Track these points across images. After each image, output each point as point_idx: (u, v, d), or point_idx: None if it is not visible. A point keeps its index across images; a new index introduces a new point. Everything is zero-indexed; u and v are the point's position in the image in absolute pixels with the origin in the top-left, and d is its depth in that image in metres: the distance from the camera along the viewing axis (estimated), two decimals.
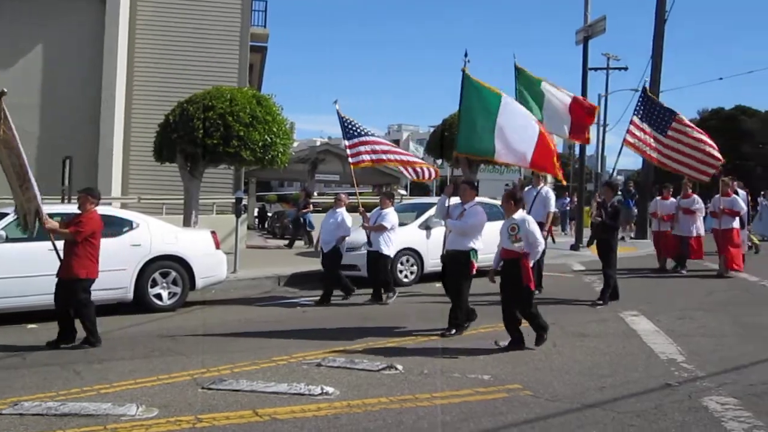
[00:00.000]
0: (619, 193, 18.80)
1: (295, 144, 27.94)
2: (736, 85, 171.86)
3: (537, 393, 6.80)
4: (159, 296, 11.70)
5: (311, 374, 7.50)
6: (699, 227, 16.71)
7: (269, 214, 37.01)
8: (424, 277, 14.58)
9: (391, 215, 12.75)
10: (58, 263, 9.13)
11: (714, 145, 14.29)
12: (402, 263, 14.42)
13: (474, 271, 9.64)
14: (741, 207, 15.87)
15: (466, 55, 10.25)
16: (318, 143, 58.07)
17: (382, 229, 12.59)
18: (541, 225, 12.33)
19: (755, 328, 10.10)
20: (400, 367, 7.68)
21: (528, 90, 13.58)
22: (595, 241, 13.13)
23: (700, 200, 16.95)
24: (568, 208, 32.92)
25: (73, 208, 11.19)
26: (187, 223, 16.57)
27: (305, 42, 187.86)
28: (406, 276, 14.48)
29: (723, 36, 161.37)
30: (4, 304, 10.53)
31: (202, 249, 12.12)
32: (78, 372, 7.74)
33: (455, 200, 10.13)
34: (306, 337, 9.55)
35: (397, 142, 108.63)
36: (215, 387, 6.98)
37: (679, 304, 11.98)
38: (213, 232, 12.70)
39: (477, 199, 10.39)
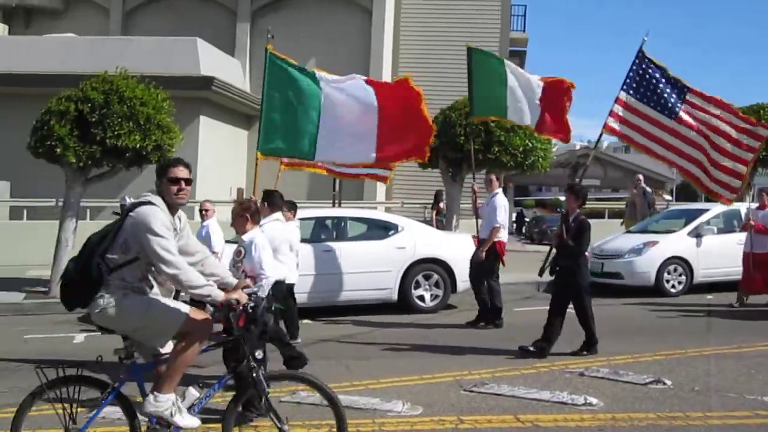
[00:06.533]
0: None
1: (555, 148, 27.68)
2: None
3: None
4: (422, 298, 12.06)
5: (574, 383, 7.36)
6: None
7: (527, 219, 36.89)
8: (693, 288, 13.72)
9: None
10: None
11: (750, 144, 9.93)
12: (669, 272, 13.67)
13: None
14: None
15: (268, 32, 8.59)
16: (578, 147, 56.93)
17: None
18: (481, 242, 10.89)
19: None
20: (668, 382, 7.29)
21: (488, 68, 11.17)
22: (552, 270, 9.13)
23: None
24: None
25: (345, 212, 11.97)
26: (449, 227, 16.89)
27: (562, 45, 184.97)
28: (673, 286, 13.69)
29: None
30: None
31: (463, 253, 12.23)
32: (348, 367, 8.20)
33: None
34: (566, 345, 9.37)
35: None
36: (477, 390, 7.07)
37: None
38: (474, 237, 12.83)
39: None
